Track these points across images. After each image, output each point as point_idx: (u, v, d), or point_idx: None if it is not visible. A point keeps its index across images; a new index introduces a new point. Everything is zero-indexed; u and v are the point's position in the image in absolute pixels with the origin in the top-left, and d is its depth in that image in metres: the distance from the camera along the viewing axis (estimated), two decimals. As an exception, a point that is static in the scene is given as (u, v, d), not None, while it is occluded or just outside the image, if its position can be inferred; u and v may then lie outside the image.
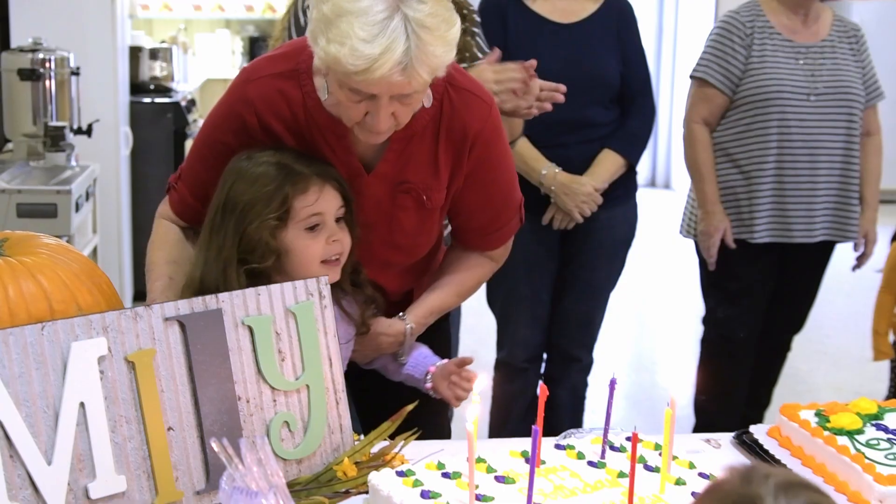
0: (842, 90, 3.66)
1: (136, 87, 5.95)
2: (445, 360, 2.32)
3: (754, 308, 3.84)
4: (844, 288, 4.24)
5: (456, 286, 2.40)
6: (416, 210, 2.24)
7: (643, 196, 3.75)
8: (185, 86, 6.64)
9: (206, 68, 7.80)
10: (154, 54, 6.25)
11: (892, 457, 1.91)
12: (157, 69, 6.23)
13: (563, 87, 2.80)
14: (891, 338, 3.76)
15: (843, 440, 1.97)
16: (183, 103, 6.03)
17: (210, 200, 2.21)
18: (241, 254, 2.10)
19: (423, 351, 2.35)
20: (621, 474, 1.84)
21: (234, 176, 2.13)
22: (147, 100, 5.91)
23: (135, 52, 5.99)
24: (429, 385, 2.31)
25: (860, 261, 3.93)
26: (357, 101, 1.99)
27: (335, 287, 2.17)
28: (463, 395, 2.28)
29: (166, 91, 6.20)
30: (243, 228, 2.10)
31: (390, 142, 2.17)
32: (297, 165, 2.12)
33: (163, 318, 1.78)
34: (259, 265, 2.08)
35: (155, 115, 5.81)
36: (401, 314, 2.34)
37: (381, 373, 2.40)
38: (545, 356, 3.72)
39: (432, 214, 2.29)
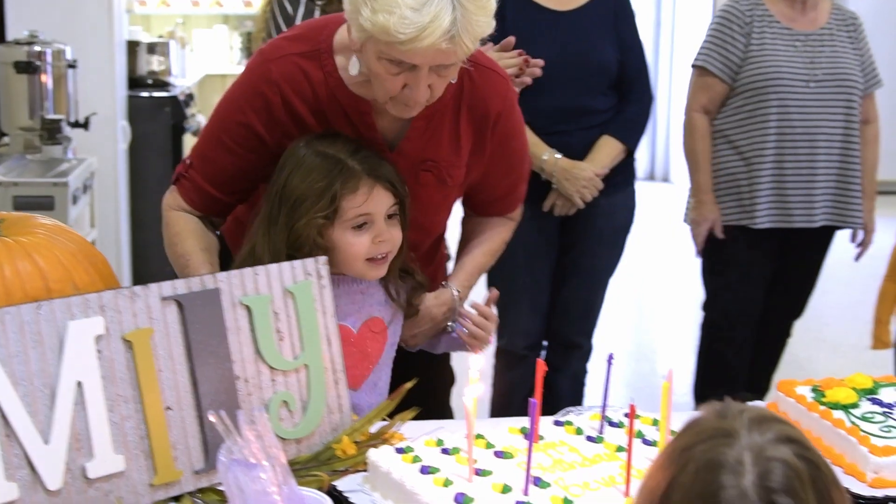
0: (840, 77, 3.68)
1: (134, 82, 5.94)
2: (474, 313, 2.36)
3: (754, 294, 3.86)
4: (843, 276, 4.25)
5: (486, 247, 2.45)
6: (437, 188, 2.27)
7: (642, 189, 3.76)
8: (183, 81, 6.63)
9: (204, 64, 7.80)
10: (152, 49, 6.24)
11: (886, 429, 1.92)
12: (155, 63, 6.22)
13: (540, 62, 2.84)
14: (893, 327, 3.77)
15: (838, 414, 1.98)
16: (181, 98, 6.02)
17: (228, 186, 2.24)
18: (289, 248, 2.12)
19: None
20: (619, 448, 1.84)
21: (292, 165, 2.14)
22: (145, 94, 5.90)
23: (132, 46, 5.98)
24: (459, 330, 2.36)
25: (860, 252, 3.95)
26: (396, 73, 2.00)
27: (389, 280, 2.24)
28: (481, 335, 2.33)
29: (164, 85, 6.19)
30: (293, 223, 2.12)
31: (413, 119, 2.19)
32: (351, 161, 2.12)
33: (160, 297, 1.78)
34: None
35: (153, 109, 5.80)
36: (443, 283, 2.39)
37: (427, 349, 2.44)
38: (545, 343, 3.73)
39: (452, 192, 2.32)
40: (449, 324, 2.38)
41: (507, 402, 3.69)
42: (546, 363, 3.76)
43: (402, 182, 2.18)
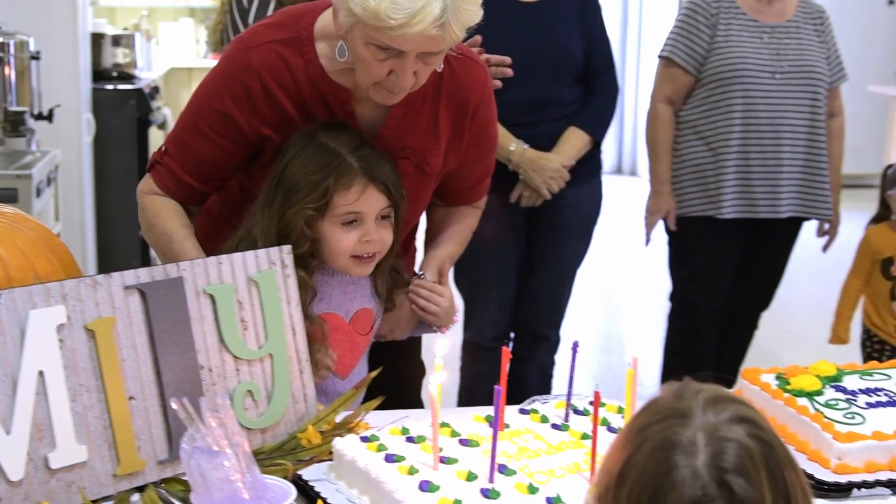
0: (806, 69, 3.70)
1: (99, 74, 5.90)
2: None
3: (720, 284, 3.87)
4: (809, 269, 4.28)
5: (456, 236, 2.45)
6: (415, 176, 2.26)
7: (609, 183, 3.77)
8: (148, 73, 6.59)
9: (169, 56, 7.76)
10: (116, 41, 6.19)
11: (850, 416, 1.92)
12: (120, 56, 6.18)
13: (507, 60, 2.82)
14: (855, 327, 3.80)
15: (802, 401, 1.98)
16: (146, 90, 5.98)
17: (204, 174, 2.23)
18: (278, 234, 2.12)
19: None
20: (584, 436, 1.84)
21: (294, 152, 2.14)
22: (109, 86, 5.86)
23: (97, 38, 5.94)
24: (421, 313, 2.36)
25: (828, 243, 3.97)
26: (383, 59, 2.00)
27: (377, 275, 2.25)
28: (429, 309, 2.33)
29: (129, 78, 6.15)
30: (285, 210, 2.12)
31: (392, 107, 2.19)
32: (351, 157, 2.12)
33: (123, 286, 1.76)
34: (294, 251, 2.07)
35: (118, 101, 5.76)
36: (418, 272, 2.39)
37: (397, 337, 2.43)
38: (513, 335, 3.73)
39: (429, 181, 2.32)
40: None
41: (474, 393, 3.69)
42: (514, 355, 3.78)
43: (399, 185, 2.18)
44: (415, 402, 2.60)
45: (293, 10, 2.23)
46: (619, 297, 6.74)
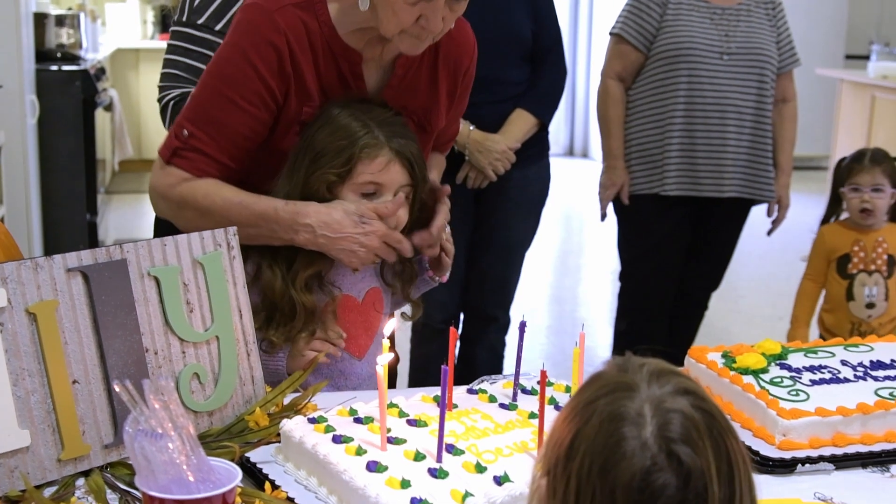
0: (754, 52, 3.73)
1: (42, 55, 5.82)
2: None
3: (669, 264, 3.90)
4: (758, 249, 4.31)
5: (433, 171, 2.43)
6: (419, 135, 2.26)
7: (561, 165, 3.79)
8: (93, 54, 6.52)
9: (116, 38, 7.68)
10: (60, 21, 6.12)
11: (794, 393, 1.94)
12: (64, 36, 6.10)
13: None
14: (813, 331, 3.80)
15: (748, 379, 2.00)
16: (92, 71, 5.92)
17: (241, 151, 2.16)
18: (301, 199, 2.13)
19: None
20: (532, 415, 1.85)
21: (322, 122, 2.15)
22: (54, 67, 5.79)
23: (40, 18, 5.86)
24: (429, 272, 2.36)
25: (774, 225, 4.01)
26: (413, 2, 2.02)
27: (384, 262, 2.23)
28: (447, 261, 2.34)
29: (74, 59, 6.07)
30: (309, 175, 2.13)
31: (395, 68, 2.22)
32: (379, 130, 2.13)
33: (65, 268, 1.74)
34: None
35: (62, 82, 5.69)
36: None
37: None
38: (462, 316, 3.73)
39: (430, 139, 2.35)
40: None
41: (424, 375, 3.70)
42: (463, 336, 3.79)
43: (423, 167, 2.20)
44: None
45: None
46: (571, 279, 6.76)
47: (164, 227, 2.37)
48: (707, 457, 1.13)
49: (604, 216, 4.01)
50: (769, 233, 4.05)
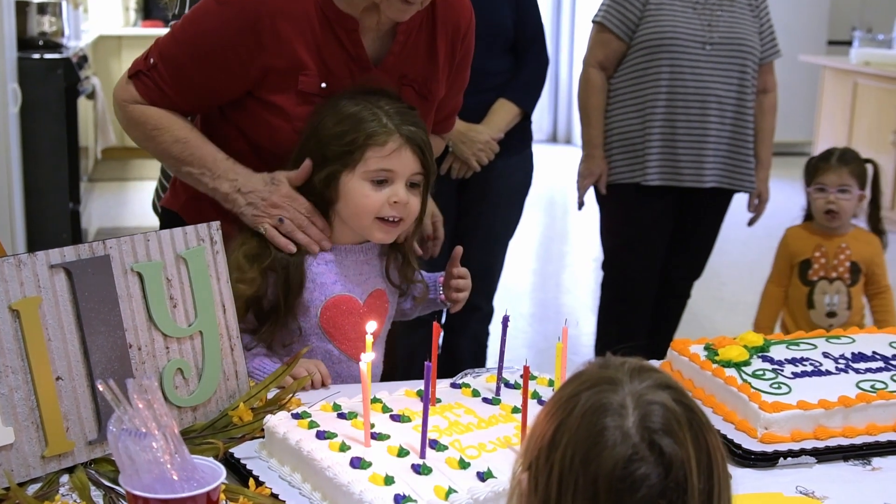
0: (736, 42, 3.72)
1: (24, 43, 5.79)
2: (442, 272, 2.40)
3: (652, 253, 3.90)
4: (740, 237, 4.32)
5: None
6: (419, 103, 2.28)
7: (544, 151, 3.79)
8: (75, 42, 6.48)
9: (98, 24, 7.65)
10: (42, 9, 6.08)
11: (776, 386, 1.96)
12: (46, 24, 6.07)
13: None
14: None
15: (730, 371, 2.01)
16: (74, 59, 5.89)
17: (193, 99, 2.24)
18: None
19: (420, 273, 2.39)
20: (515, 409, 1.85)
21: (330, 110, 2.16)
22: (36, 55, 5.76)
23: (21, 6, 5.82)
24: (442, 296, 2.38)
25: (753, 218, 4.00)
26: None
27: (390, 257, 2.26)
28: (460, 297, 2.40)
29: (56, 47, 6.04)
30: (315, 165, 2.16)
31: (396, 34, 2.23)
32: (387, 117, 2.13)
33: (48, 265, 1.74)
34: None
35: (45, 71, 5.66)
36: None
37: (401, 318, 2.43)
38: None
39: (431, 108, 2.35)
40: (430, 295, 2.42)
41: (408, 366, 3.70)
42: (446, 326, 3.79)
43: (432, 154, 2.20)
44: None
45: None
46: (554, 267, 6.77)
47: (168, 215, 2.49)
48: (687, 448, 1.15)
49: (581, 205, 4.01)
50: (750, 224, 4.05)
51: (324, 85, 2.20)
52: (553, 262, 6.84)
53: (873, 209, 3.63)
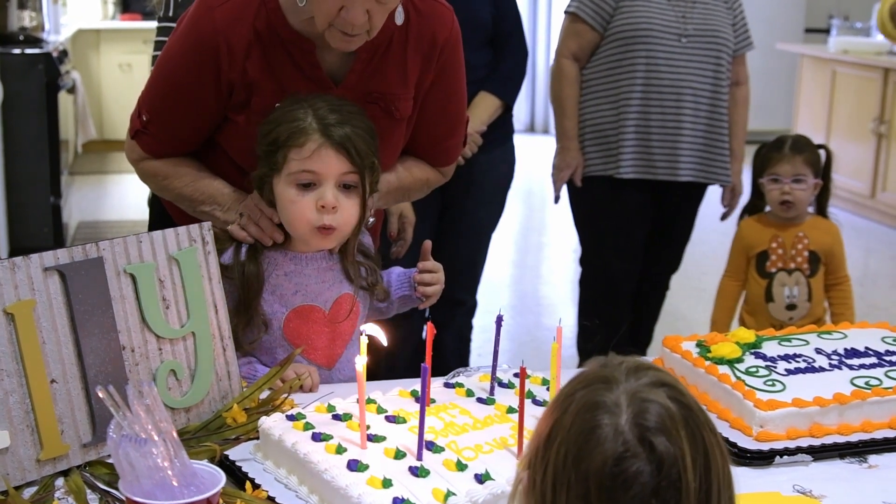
0: (711, 34, 3.71)
1: (5, 38, 5.77)
2: (415, 269, 2.33)
3: (628, 246, 3.88)
4: (720, 227, 4.31)
5: (401, 172, 2.39)
6: (385, 121, 2.24)
7: (522, 142, 3.78)
8: (55, 36, 6.45)
9: (78, 19, 7.60)
10: (22, 4, 6.05)
11: (770, 383, 1.96)
12: (27, 19, 6.03)
13: None
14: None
15: (723, 369, 2.01)
16: (55, 54, 5.86)
17: (193, 138, 2.27)
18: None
19: (395, 270, 2.35)
20: (510, 409, 1.85)
21: (278, 111, 2.13)
22: (16, 51, 5.73)
23: (1, 1, 5.80)
24: (417, 293, 2.32)
25: (726, 213, 3.99)
26: None
27: (343, 261, 2.21)
28: (429, 291, 2.33)
29: (37, 42, 6.02)
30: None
31: (357, 52, 2.19)
32: (312, 116, 2.08)
33: (42, 267, 1.73)
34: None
35: (25, 66, 5.63)
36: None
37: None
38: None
39: (399, 126, 2.30)
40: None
41: (392, 361, 3.69)
42: (430, 321, 3.78)
43: (368, 154, 2.10)
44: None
45: None
46: (533, 257, 6.78)
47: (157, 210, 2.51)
48: (682, 446, 1.14)
49: (557, 198, 3.97)
50: (723, 218, 4.03)
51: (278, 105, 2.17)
52: (532, 253, 6.84)
53: (823, 196, 3.53)
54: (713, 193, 4.00)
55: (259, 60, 2.17)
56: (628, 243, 3.88)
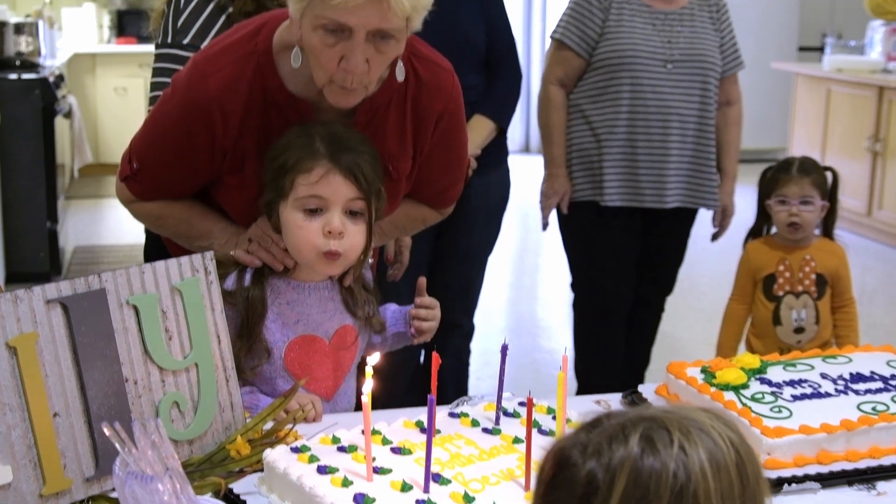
0: (697, 58, 3.68)
1: (1, 63, 5.78)
2: (411, 305, 2.34)
3: (619, 270, 3.85)
4: (716, 247, 4.29)
5: (397, 212, 2.38)
6: (384, 180, 2.22)
7: (517, 162, 3.77)
8: (52, 61, 6.46)
9: (73, 43, 7.61)
10: (19, 29, 6.06)
11: (777, 410, 1.95)
12: (23, 44, 6.04)
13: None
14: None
15: (729, 395, 2.01)
16: (51, 79, 5.87)
17: (180, 188, 2.26)
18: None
19: (391, 306, 2.35)
20: (516, 440, 1.84)
21: (286, 137, 2.12)
22: (13, 76, 5.74)
23: (-4, 26, 5.82)
24: (413, 330, 2.33)
25: (717, 234, 3.96)
26: (332, 43, 1.99)
27: (342, 291, 2.21)
28: (424, 327, 2.36)
29: (33, 67, 6.02)
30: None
31: (356, 114, 2.17)
32: (320, 141, 2.08)
33: (44, 300, 1.72)
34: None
35: (22, 91, 5.64)
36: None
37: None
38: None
39: (398, 185, 2.29)
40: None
41: (391, 386, 3.66)
42: (427, 344, 3.78)
43: (374, 179, 2.11)
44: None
45: (249, 24, 2.21)
46: (529, 279, 6.77)
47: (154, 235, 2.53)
48: None
49: (545, 225, 3.94)
50: (713, 239, 4.00)
51: None
52: (528, 274, 6.83)
53: (829, 218, 3.51)
54: (707, 213, 3.99)
55: (254, 127, 2.16)
56: (619, 268, 3.85)
